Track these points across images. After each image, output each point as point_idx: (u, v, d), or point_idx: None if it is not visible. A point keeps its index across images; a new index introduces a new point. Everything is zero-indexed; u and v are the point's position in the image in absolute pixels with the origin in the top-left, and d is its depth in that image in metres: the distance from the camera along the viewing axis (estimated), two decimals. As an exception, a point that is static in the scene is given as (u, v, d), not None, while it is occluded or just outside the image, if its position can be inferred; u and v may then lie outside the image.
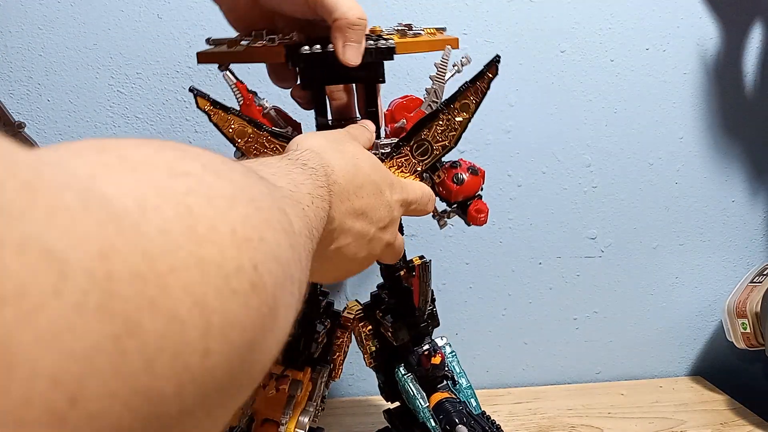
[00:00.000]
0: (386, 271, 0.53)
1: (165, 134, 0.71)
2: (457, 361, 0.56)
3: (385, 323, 0.53)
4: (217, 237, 0.17)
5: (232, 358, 0.17)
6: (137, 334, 0.13)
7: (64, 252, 0.12)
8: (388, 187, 0.39)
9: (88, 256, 0.12)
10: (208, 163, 0.19)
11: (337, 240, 0.35)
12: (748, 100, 0.79)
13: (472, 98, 0.47)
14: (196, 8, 0.69)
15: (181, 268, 0.15)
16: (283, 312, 0.20)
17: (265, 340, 0.19)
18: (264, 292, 0.18)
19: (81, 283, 0.12)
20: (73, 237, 0.12)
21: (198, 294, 0.15)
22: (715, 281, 0.84)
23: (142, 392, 0.13)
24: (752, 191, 0.82)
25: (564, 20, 0.74)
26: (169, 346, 0.14)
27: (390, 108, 0.51)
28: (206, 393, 0.16)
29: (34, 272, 0.11)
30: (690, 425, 0.72)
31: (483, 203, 0.50)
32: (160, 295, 0.14)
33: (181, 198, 0.17)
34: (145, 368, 0.13)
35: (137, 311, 0.13)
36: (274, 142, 0.46)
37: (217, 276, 0.16)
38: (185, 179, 0.18)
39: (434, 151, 0.47)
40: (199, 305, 0.15)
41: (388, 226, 0.40)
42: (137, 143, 0.18)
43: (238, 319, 0.17)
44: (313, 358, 0.52)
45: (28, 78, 0.68)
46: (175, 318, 0.14)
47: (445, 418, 0.50)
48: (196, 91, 0.45)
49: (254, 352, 0.18)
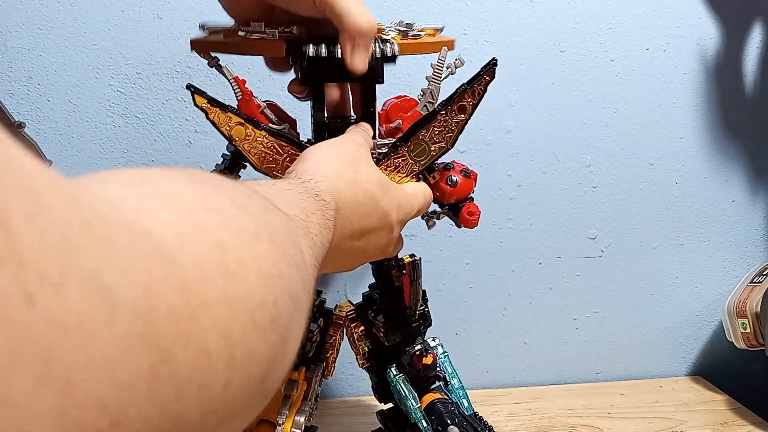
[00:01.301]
0: (378, 271, 0.53)
1: (165, 134, 0.71)
2: (449, 362, 0.55)
3: (376, 324, 0.53)
4: (244, 272, 0.18)
5: (250, 388, 0.18)
6: (171, 364, 0.14)
7: (115, 286, 0.13)
8: (395, 210, 0.41)
9: (134, 289, 0.14)
10: (235, 198, 0.21)
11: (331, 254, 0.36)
12: (748, 100, 0.79)
13: (469, 100, 0.47)
14: (196, 8, 0.69)
15: (212, 302, 0.16)
16: (293, 342, 0.21)
17: (276, 370, 0.20)
18: (280, 327, 0.19)
19: (127, 315, 0.13)
20: (122, 271, 0.13)
21: (225, 328, 0.16)
22: (715, 281, 0.84)
23: (171, 418, 0.14)
24: (752, 191, 0.82)
25: (564, 20, 0.74)
26: (197, 376, 0.15)
27: (385, 108, 0.51)
28: (225, 420, 0.17)
29: (92, 305, 0.12)
30: (690, 425, 0.72)
31: (475, 206, 0.50)
32: (193, 328, 0.15)
33: (214, 233, 0.18)
34: (176, 396, 0.14)
35: (172, 343, 0.14)
36: (272, 141, 0.46)
37: (243, 311, 0.17)
38: (217, 215, 0.19)
39: (431, 152, 0.47)
40: (225, 339, 0.16)
41: (386, 245, 0.41)
42: (172, 176, 0.20)
43: (258, 353, 0.18)
44: (307, 357, 0.52)
45: (28, 78, 0.68)
46: (204, 350, 0.15)
47: (436, 419, 0.50)
48: (194, 89, 0.45)
49: (267, 381, 0.19)
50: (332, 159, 0.38)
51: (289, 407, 0.49)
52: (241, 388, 0.17)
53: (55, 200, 0.12)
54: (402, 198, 0.42)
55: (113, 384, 0.12)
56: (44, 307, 0.11)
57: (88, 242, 0.13)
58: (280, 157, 0.46)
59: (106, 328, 0.12)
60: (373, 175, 0.40)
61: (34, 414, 0.11)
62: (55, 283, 0.11)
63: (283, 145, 0.46)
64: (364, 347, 0.55)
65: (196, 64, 0.69)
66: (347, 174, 0.38)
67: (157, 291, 0.14)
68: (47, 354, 0.11)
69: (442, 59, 0.48)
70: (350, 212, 0.36)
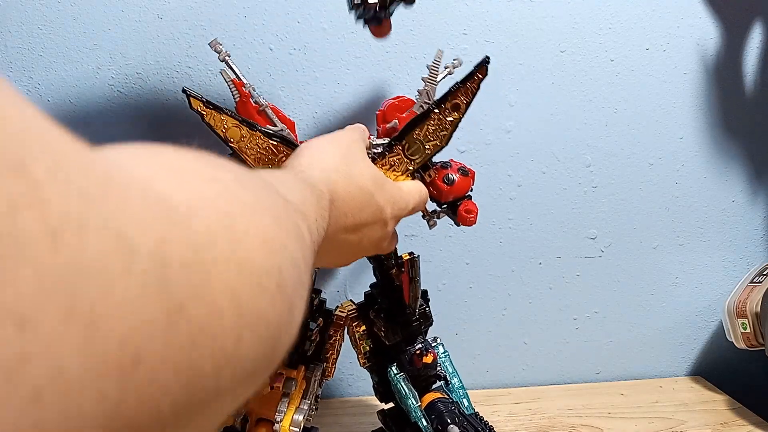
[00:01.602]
0: (378, 270, 0.53)
1: (165, 134, 0.71)
2: (449, 361, 0.56)
3: (377, 323, 0.53)
4: (251, 240, 0.19)
5: (259, 348, 0.19)
6: (184, 313, 0.15)
7: (133, 236, 0.14)
8: (389, 205, 0.41)
9: (150, 241, 0.14)
10: (239, 177, 0.22)
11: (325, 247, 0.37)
12: (748, 100, 0.79)
13: (463, 98, 0.47)
14: (196, 8, 0.69)
15: (221, 262, 0.17)
16: (297, 312, 0.22)
17: (284, 335, 0.21)
18: (286, 293, 0.21)
19: (145, 264, 0.14)
20: (139, 224, 0.14)
21: (234, 288, 0.17)
22: (715, 281, 0.84)
23: (186, 365, 0.15)
24: (752, 191, 0.82)
25: (564, 20, 0.74)
26: (209, 328, 0.16)
27: (382, 108, 0.51)
28: (237, 376, 0.18)
29: (111, 252, 0.13)
30: (690, 425, 0.72)
31: (473, 203, 0.50)
32: (204, 283, 0.16)
33: (221, 204, 0.19)
34: (191, 343, 0.15)
35: (185, 295, 0.15)
36: (268, 142, 0.46)
37: (251, 274, 0.18)
38: (224, 190, 0.20)
39: (426, 150, 0.48)
40: (235, 298, 0.17)
41: (380, 239, 0.42)
42: (180, 154, 0.21)
43: (265, 315, 0.19)
44: (306, 356, 0.53)
45: (28, 78, 0.68)
46: (215, 304, 0.16)
47: (437, 418, 0.50)
48: (189, 92, 0.46)
49: (276, 344, 0.20)
50: (327, 153, 0.39)
51: (287, 405, 0.49)
52: (251, 346, 0.18)
53: (74, 157, 0.13)
54: (396, 194, 0.42)
55: (133, 323, 0.13)
56: (67, 249, 0.12)
57: (105, 195, 0.14)
58: (276, 158, 0.47)
59: (125, 273, 0.13)
60: (367, 170, 0.40)
61: (63, 345, 0.12)
62: (76, 227, 0.12)
63: (279, 146, 0.46)
64: (365, 346, 0.55)
65: (196, 64, 0.69)
66: (342, 168, 0.38)
67: (170, 245, 0.15)
68: (71, 293, 0.12)
69: (438, 61, 0.48)
70: (345, 205, 0.37)
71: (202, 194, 0.19)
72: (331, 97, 0.72)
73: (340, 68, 0.71)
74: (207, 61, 0.69)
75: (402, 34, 0.71)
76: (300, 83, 0.71)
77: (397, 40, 0.71)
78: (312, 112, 0.72)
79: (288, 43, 0.70)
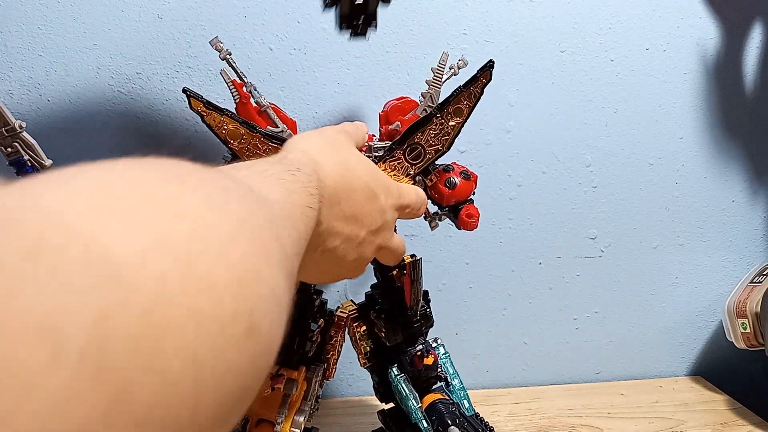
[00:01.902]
0: (380, 271, 0.53)
1: (165, 134, 0.71)
2: (450, 363, 0.55)
3: (378, 323, 0.53)
4: (214, 283, 0.17)
5: (224, 404, 0.17)
6: (128, 397, 0.13)
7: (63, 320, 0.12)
8: (383, 191, 0.39)
9: (86, 320, 0.13)
10: (211, 195, 0.19)
11: (326, 242, 0.35)
12: (748, 100, 0.79)
13: (466, 103, 0.47)
14: (196, 8, 0.69)
15: (175, 325, 0.15)
16: (275, 343, 0.20)
17: (258, 375, 0.19)
18: (259, 335, 0.18)
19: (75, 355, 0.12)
20: (73, 300, 0.12)
21: (191, 349, 0.15)
22: (715, 281, 0.84)
23: None
24: (752, 191, 0.82)
25: (564, 20, 0.74)
26: (162, 402, 0.14)
27: (385, 109, 0.51)
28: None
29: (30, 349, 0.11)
30: (690, 425, 0.72)
31: (474, 207, 0.50)
32: (154, 356, 0.14)
33: (181, 244, 0.17)
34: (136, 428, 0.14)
35: (131, 374, 0.13)
36: (267, 144, 0.46)
37: (212, 327, 0.16)
38: (186, 222, 0.17)
39: (427, 155, 0.47)
40: (192, 360, 0.15)
41: (380, 229, 0.40)
42: (141, 175, 0.18)
43: (233, 365, 0.17)
44: (307, 357, 0.52)
45: (28, 78, 0.68)
46: (168, 376, 0.15)
47: (437, 419, 0.50)
48: (190, 92, 0.45)
49: (248, 389, 0.18)
50: (313, 138, 0.38)
51: (289, 407, 0.49)
52: (212, 408, 0.16)
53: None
54: (389, 182, 0.41)
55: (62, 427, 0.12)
56: None
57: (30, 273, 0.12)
58: None
59: (49, 372, 0.12)
60: (356, 156, 0.39)
61: None
62: None
63: (278, 147, 0.46)
64: (366, 347, 0.55)
65: (196, 64, 0.69)
66: (327, 149, 0.37)
67: (113, 319, 0.13)
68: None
69: (443, 63, 0.48)
70: (337, 186, 0.35)
71: (160, 235, 0.16)
72: (331, 97, 0.72)
73: (340, 68, 0.71)
74: (207, 61, 0.69)
75: (402, 34, 0.71)
76: (300, 83, 0.71)
77: (397, 40, 0.71)
78: (312, 112, 0.72)
79: (288, 43, 0.70)
